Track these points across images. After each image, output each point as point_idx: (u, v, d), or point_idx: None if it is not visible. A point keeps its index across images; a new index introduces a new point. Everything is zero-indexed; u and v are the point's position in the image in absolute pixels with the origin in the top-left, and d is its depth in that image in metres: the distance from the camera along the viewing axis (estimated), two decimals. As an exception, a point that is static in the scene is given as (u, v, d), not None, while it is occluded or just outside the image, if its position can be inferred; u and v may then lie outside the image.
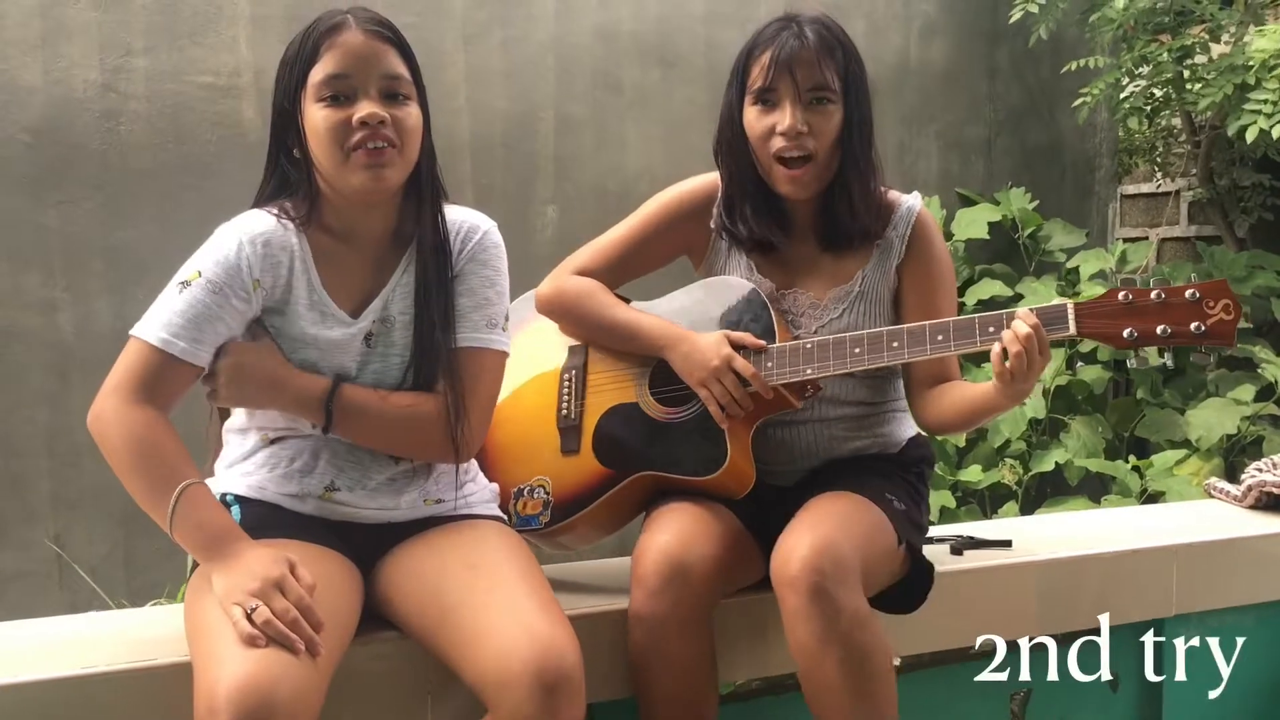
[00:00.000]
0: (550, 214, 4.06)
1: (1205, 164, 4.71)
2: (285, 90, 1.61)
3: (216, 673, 1.35)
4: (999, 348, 1.69)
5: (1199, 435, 4.04)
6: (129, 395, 1.55)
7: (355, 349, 1.66)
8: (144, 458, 1.53)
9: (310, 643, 1.40)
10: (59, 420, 3.39)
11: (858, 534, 1.71)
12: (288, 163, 1.64)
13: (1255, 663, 2.37)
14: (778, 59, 1.82)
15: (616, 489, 1.88)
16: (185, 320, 1.57)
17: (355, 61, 1.57)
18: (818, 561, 1.62)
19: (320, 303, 1.64)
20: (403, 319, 1.68)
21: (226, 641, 1.39)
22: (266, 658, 1.36)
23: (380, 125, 1.57)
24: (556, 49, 4.03)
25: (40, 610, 2.93)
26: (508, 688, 1.45)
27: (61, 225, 3.37)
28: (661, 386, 1.91)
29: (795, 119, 1.81)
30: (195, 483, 1.52)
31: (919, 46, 4.69)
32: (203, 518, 1.51)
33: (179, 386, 1.59)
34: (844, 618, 1.61)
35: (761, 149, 1.86)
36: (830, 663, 1.61)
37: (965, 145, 4.83)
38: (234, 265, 1.59)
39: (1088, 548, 2.22)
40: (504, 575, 1.59)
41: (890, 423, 1.98)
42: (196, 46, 3.51)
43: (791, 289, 1.94)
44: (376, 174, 1.58)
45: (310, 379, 1.63)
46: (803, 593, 1.61)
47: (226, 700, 1.32)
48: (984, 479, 4.12)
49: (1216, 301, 1.66)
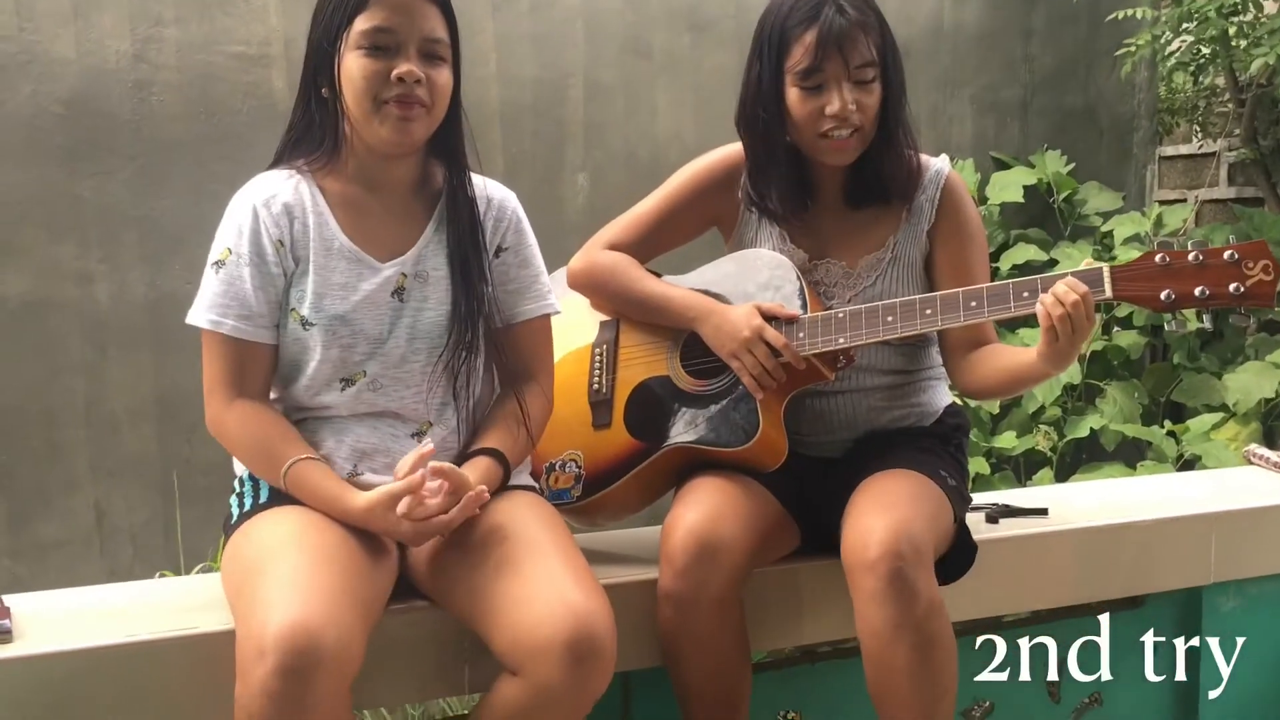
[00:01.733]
0: (581, 181, 4.04)
1: (1250, 124, 4.61)
2: (326, 29, 1.62)
3: (265, 615, 1.37)
4: (1044, 310, 1.66)
5: (1236, 399, 3.99)
6: (220, 394, 1.62)
7: (384, 303, 1.66)
8: (251, 453, 1.62)
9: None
10: (96, 390, 3.42)
11: (928, 516, 1.70)
12: (316, 104, 1.65)
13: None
14: (824, 39, 1.76)
15: (648, 462, 1.87)
16: (228, 299, 1.61)
17: (402, 18, 1.59)
18: (896, 546, 1.61)
19: (344, 249, 1.65)
20: (436, 274, 1.68)
21: (273, 587, 1.41)
22: (316, 602, 1.38)
23: (416, 84, 1.59)
24: (585, 14, 4.00)
25: (81, 578, 2.98)
26: (539, 655, 1.46)
27: (96, 196, 3.39)
28: (693, 359, 1.91)
29: (846, 101, 1.77)
30: (296, 460, 1.58)
31: (953, 8, 4.61)
32: (314, 490, 1.57)
33: (257, 366, 1.63)
34: (920, 604, 1.61)
35: (808, 129, 1.82)
36: (902, 649, 1.61)
37: (1000, 108, 4.76)
38: (255, 232, 1.62)
39: (1125, 516, 2.21)
40: (539, 545, 1.59)
41: (926, 391, 1.96)
42: (227, 16, 3.50)
43: (824, 259, 1.92)
44: (404, 128, 1.60)
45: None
46: (882, 577, 1.61)
47: (276, 640, 1.34)
48: (1019, 445, 4.09)
49: (1256, 262, 1.63)
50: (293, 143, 1.69)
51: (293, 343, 1.64)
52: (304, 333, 1.63)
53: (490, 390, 1.78)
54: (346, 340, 1.63)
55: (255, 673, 1.34)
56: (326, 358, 1.63)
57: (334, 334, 1.63)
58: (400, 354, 1.66)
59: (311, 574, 1.43)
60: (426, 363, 1.68)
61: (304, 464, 1.58)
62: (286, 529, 1.54)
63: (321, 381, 1.65)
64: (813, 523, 1.88)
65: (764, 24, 1.84)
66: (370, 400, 1.66)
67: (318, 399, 1.66)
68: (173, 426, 3.45)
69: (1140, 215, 4.54)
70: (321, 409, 1.67)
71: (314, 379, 1.64)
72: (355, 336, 1.64)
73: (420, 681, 1.70)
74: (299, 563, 1.45)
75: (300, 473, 1.58)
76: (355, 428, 1.67)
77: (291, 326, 1.64)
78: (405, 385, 1.67)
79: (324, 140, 1.65)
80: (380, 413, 1.67)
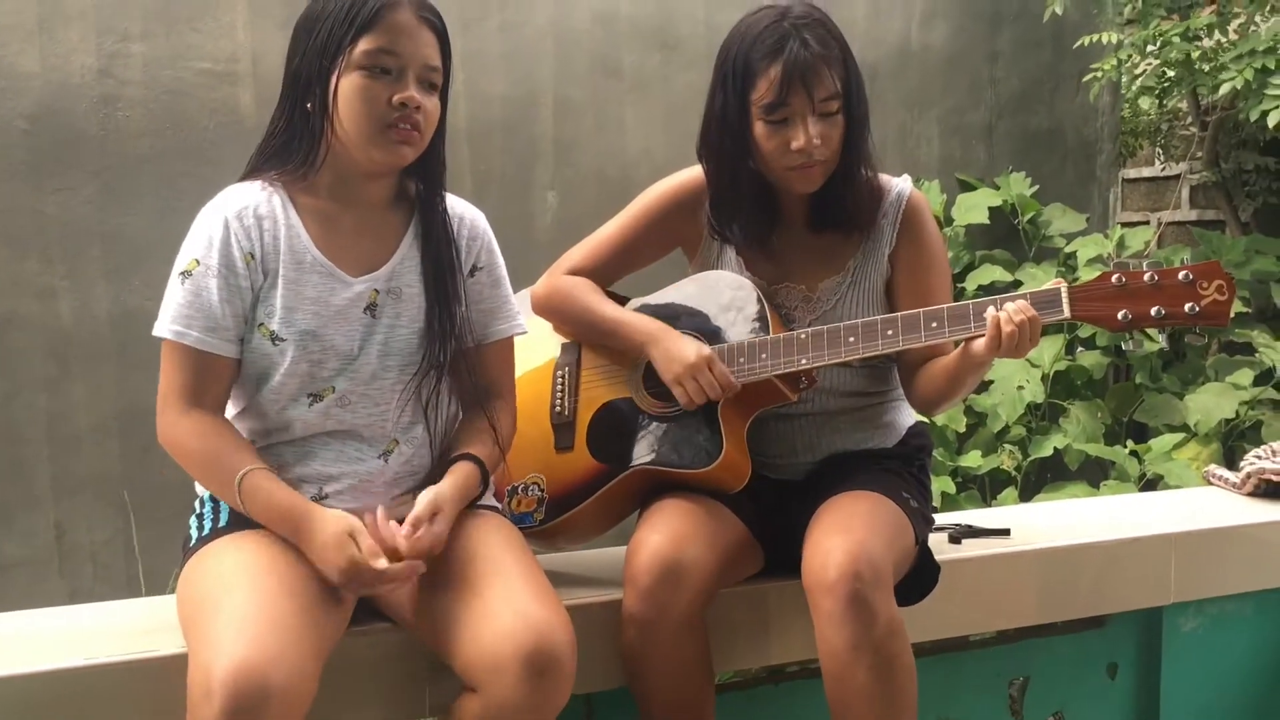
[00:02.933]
0: (550, 199, 4.05)
1: (1212, 147, 4.69)
2: (324, 46, 1.59)
3: (211, 655, 1.36)
4: (993, 319, 1.68)
5: (1197, 420, 4.04)
6: (175, 405, 1.60)
7: (356, 319, 1.64)
8: (203, 463, 1.60)
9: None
10: (59, 406, 3.39)
11: (888, 537, 1.71)
12: (299, 117, 1.62)
13: (1253, 651, 2.37)
14: (789, 73, 1.75)
15: (612, 484, 1.87)
16: (193, 310, 1.59)
17: (406, 43, 1.59)
18: (855, 567, 1.61)
19: (316, 262, 1.63)
20: (410, 291, 1.68)
21: (221, 624, 1.40)
22: (262, 640, 1.37)
23: (415, 111, 1.60)
24: (555, 33, 4.01)
25: (41, 598, 2.94)
26: (498, 670, 1.46)
27: (60, 212, 3.36)
28: (655, 381, 1.90)
29: (811, 136, 1.77)
30: (249, 471, 1.56)
31: (920, 31, 4.67)
32: (269, 501, 1.55)
33: (217, 380, 1.61)
34: (879, 625, 1.61)
35: (775, 162, 1.81)
36: (861, 669, 1.62)
37: (967, 130, 4.81)
38: (225, 244, 1.60)
39: (1086, 536, 2.22)
40: (501, 565, 1.59)
41: (889, 412, 1.97)
42: (194, 32, 3.49)
43: (783, 283, 1.93)
44: (399, 152, 1.61)
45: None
46: (841, 598, 1.61)
47: (221, 683, 1.33)
48: (984, 464, 4.12)
49: (1210, 282, 1.66)
50: (269, 154, 1.66)
51: (259, 357, 1.62)
52: (272, 347, 1.61)
53: (456, 409, 1.77)
54: (316, 355, 1.62)
55: (203, 711, 1.35)
56: (294, 371, 1.61)
57: (304, 348, 1.61)
58: (371, 370, 1.65)
59: (261, 608, 1.42)
60: (397, 380, 1.67)
61: (257, 473, 1.56)
62: (241, 558, 1.52)
63: (288, 395, 1.63)
64: (776, 545, 1.88)
65: (726, 53, 1.83)
66: (338, 417, 1.65)
67: (284, 414, 1.64)
68: (136, 444, 3.41)
69: (1103, 237, 4.60)
70: (285, 427, 1.65)
71: (279, 392, 1.62)
72: (326, 352, 1.62)
73: (381, 703, 1.69)
74: (250, 597, 1.44)
75: (254, 481, 1.55)
76: (320, 451, 1.65)
77: (257, 341, 1.62)
78: (374, 402, 1.66)
79: (302, 153, 1.63)
80: (346, 433, 1.66)
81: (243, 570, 1.49)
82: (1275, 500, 2.48)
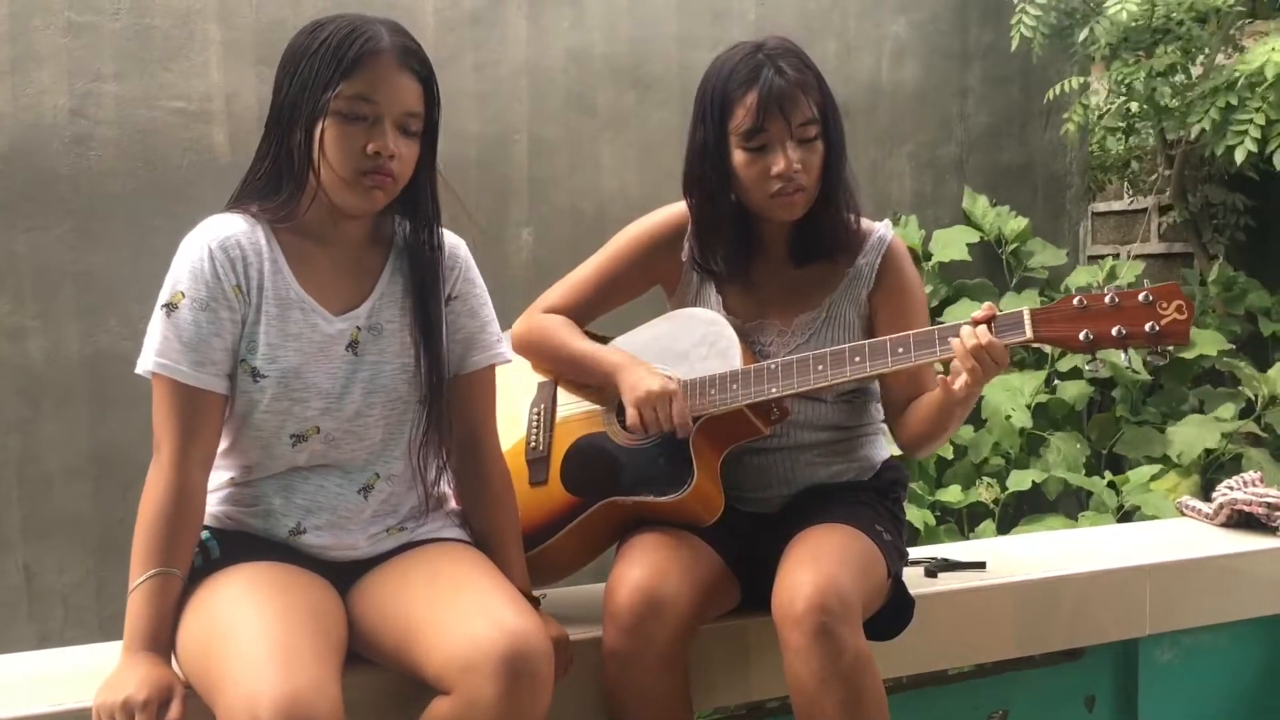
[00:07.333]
0: (525, 236, 4.05)
1: (1179, 182, 4.74)
2: (313, 85, 1.56)
3: (256, 684, 1.35)
4: (957, 343, 1.69)
5: (1179, 451, 4.06)
6: (169, 456, 1.55)
7: (339, 356, 1.63)
8: (148, 529, 1.55)
9: None
10: (30, 448, 3.35)
11: (857, 570, 1.71)
12: (284, 154, 1.60)
13: (1228, 681, 2.38)
14: (765, 99, 1.78)
15: (585, 516, 1.87)
16: (181, 344, 1.55)
17: (385, 91, 1.57)
18: (823, 600, 1.62)
19: (299, 299, 1.62)
20: (391, 327, 1.67)
21: (262, 649, 1.39)
22: (307, 671, 1.38)
23: (390, 159, 1.58)
24: (529, 71, 4.03)
25: (8, 642, 2.90)
26: (472, 670, 1.44)
27: (31, 251, 3.34)
28: (628, 415, 1.91)
29: (791, 161, 1.79)
30: (161, 574, 1.53)
31: (891, 68, 4.72)
32: (144, 610, 1.53)
33: (205, 420, 1.57)
34: (846, 658, 1.61)
35: (756, 191, 1.83)
36: (830, 702, 1.61)
37: (938, 165, 4.86)
38: (211, 275, 1.57)
39: (1062, 568, 2.23)
40: (470, 579, 1.59)
41: (865, 446, 1.98)
42: (167, 72, 3.49)
43: (760, 319, 1.94)
44: (373, 196, 1.60)
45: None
46: (808, 631, 1.61)
47: (272, 713, 1.32)
48: (964, 498, 4.12)
49: (1169, 303, 1.68)
50: (252, 191, 1.64)
51: (238, 394, 1.60)
52: (252, 384, 1.59)
53: (441, 446, 1.75)
54: (299, 394, 1.60)
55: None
56: (273, 409, 1.59)
57: (286, 386, 1.59)
58: (355, 408, 1.64)
59: (286, 634, 1.42)
60: (381, 415, 1.66)
61: (161, 582, 1.53)
62: (243, 588, 1.51)
63: (269, 432, 1.61)
64: (752, 579, 1.88)
65: (705, 88, 1.86)
66: (322, 453, 1.64)
67: (268, 451, 1.62)
68: (108, 485, 3.37)
69: (1096, 267, 4.65)
70: (267, 464, 1.64)
71: (260, 429, 1.60)
72: (308, 390, 1.61)
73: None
74: (270, 625, 1.44)
75: (153, 588, 1.52)
76: (302, 485, 1.64)
77: (241, 378, 1.60)
78: (358, 438, 1.66)
79: (286, 190, 1.61)
80: (329, 466, 1.65)
81: (249, 599, 1.48)
82: (1247, 531, 2.50)
